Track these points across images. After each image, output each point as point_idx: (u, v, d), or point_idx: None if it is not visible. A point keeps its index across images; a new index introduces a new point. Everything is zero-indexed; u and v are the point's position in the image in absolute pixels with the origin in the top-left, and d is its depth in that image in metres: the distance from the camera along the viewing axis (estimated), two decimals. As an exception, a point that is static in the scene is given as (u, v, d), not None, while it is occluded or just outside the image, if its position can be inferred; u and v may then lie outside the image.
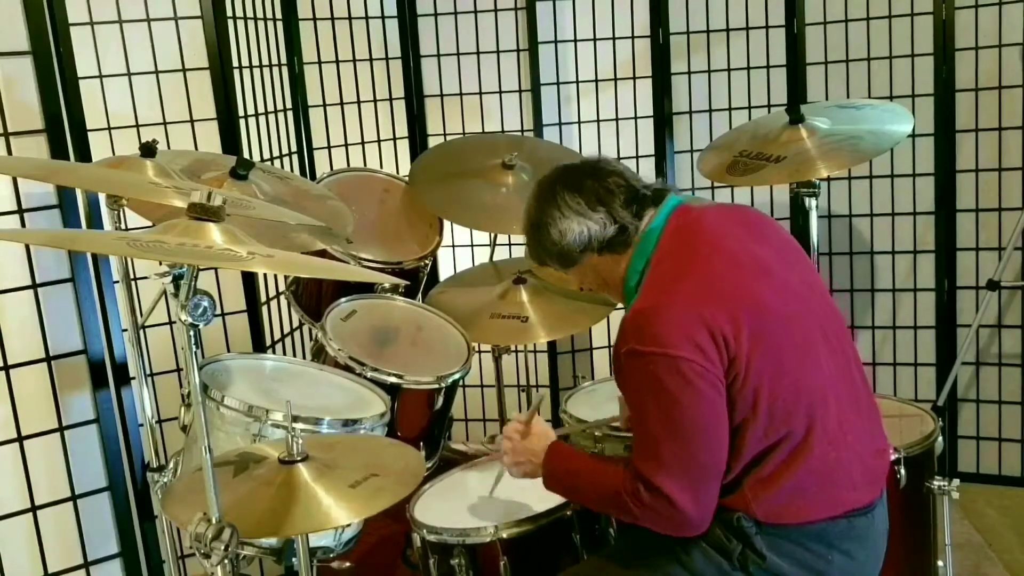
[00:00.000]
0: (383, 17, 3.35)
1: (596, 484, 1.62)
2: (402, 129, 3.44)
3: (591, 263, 1.70)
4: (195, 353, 1.41)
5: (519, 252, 3.13)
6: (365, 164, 3.31)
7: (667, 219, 1.66)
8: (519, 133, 3.39)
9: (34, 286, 2.23)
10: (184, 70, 2.64)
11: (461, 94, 3.42)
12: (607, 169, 1.69)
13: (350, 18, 3.27)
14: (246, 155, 2.73)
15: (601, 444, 2.20)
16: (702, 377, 1.47)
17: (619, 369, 1.55)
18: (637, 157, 3.44)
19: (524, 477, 1.80)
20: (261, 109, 2.90)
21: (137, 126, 2.61)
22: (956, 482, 2.21)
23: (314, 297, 2.60)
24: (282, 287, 2.89)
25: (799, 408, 1.54)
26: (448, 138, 3.40)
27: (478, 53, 3.38)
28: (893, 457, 2.11)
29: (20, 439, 2.24)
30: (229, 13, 2.70)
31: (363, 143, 3.34)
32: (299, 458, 1.62)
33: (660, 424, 1.50)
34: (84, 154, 2.28)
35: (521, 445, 1.79)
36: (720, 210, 1.73)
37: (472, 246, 3.48)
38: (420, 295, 2.81)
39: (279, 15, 3.04)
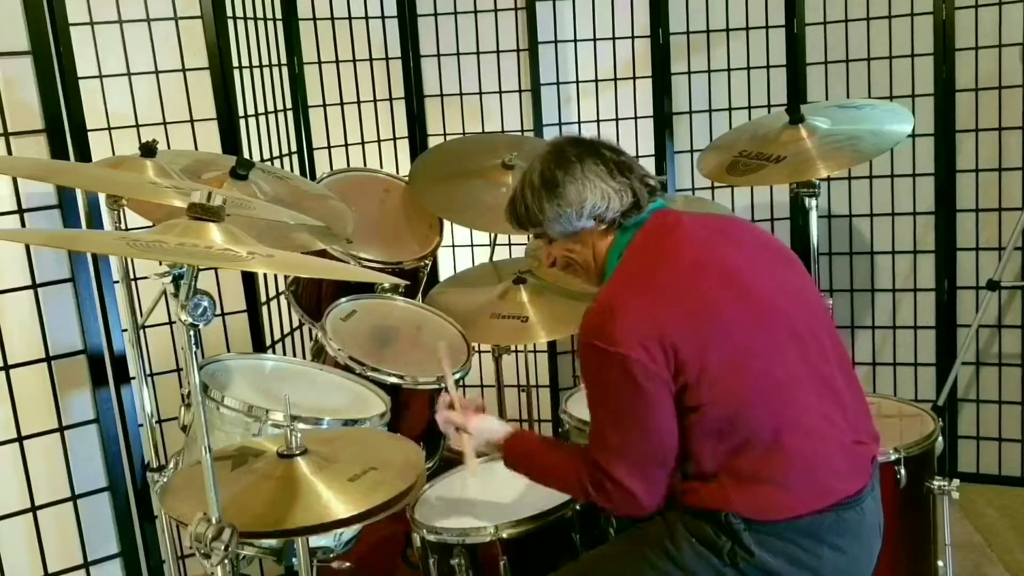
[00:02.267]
0: (383, 17, 3.35)
1: (556, 469, 1.70)
2: (402, 129, 3.44)
3: (583, 236, 1.70)
4: (195, 353, 1.41)
5: (519, 252, 3.13)
6: (365, 164, 3.31)
7: (647, 218, 1.68)
8: (519, 133, 3.39)
9: (34, 286, 2.23)
10: (184, 70, 2.64)
11: (461, 94, 3.42)
12: (619, 149, 1.71)
13: (350, 18, 3.27)
14: (246, 155, 2.73)
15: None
16: (648, 377, 1.52)
17: (579, 356, 1.62)
18: (637, 157, 3.43)
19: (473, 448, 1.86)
20: (261, 109, 2.90)
21: (137, 126, 2.61)
22: (956, 482, 2.21)
23: (314, 297, 2.60)
24: (282, 287, 2.89)
25: (763, 406, 1.57)
26: (448, 138, 3.40)
27: (478, 53, 3.38)
28: (893, 457, 2.11)
29: (20, 439, 2.24)
30: (229, 13, 2.70)
31: (363, 143, 3.35)
32: (298, 452, 1.62)
33: (609, 416, 1.59)
34: (84, 154, 2.28)
35: (472, 439, 1.85)
36: (698, 217, 1.75)
37: (472, 246, 3.48)
38: (420, 295, 2.81)
39: (279, 15, 3.04)
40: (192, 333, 1.39)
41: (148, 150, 2.10)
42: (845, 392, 1.67)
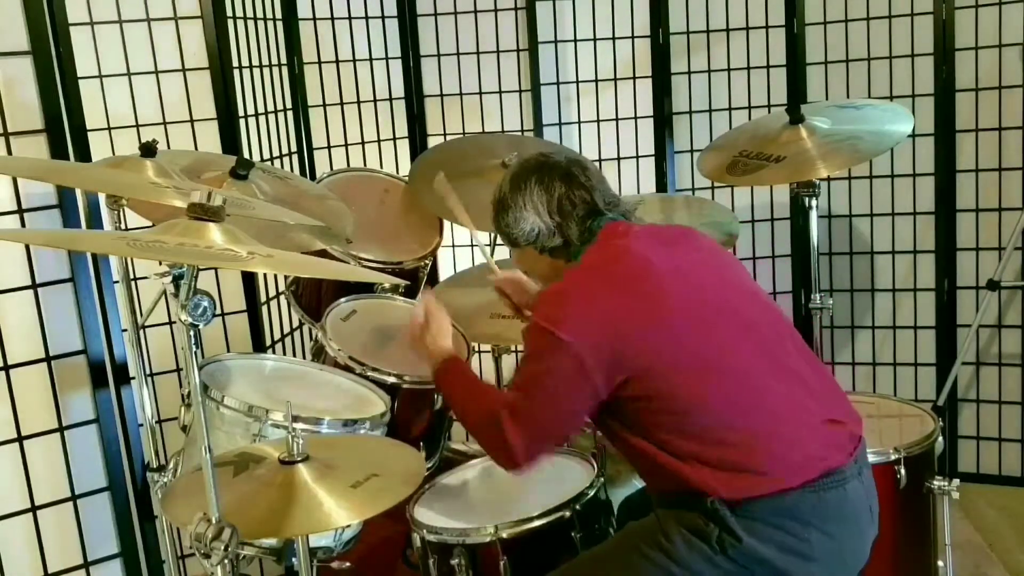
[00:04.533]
0: (383, 17, 3.35)
1: (476, 399, 1.83)
2: (402, 129, 3.44)
3: (530, 254, 1.84)
4: (195, 353, 1.41)
5: (519, 252, 3.13)
6: (365, 164, 3.30)
7: (598, 233, 1.78)
8: (519, 133, 3.39)
9: (34, 286, 2.23)
10: (184, 70, 2.64)
11: (461, 94, 3.42)
12: (579, 181, 1.79)
13: (350, 18, 3.27)
14: (246, 155, 2.72)
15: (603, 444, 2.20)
16: (575, 365, 1.61)
17: (526, 328, 1.73)
18: (637, 157, 3.44)
19: (414, 347, 2.01)
20: (261, 109, 2.90)
21: (137, 126, 2.61)
22: (956, 482, 2.21)
23: (314, 297, 2.60)
24: (282, 287, 2.89)
25: (718, 394, 1.63)
26: (448, 138, 3.40)
27: (478, 53, 3.38)
28: (893, 457, 2.11)
29: (20, 439, 2.24)
30: (229, 13, 2.70)
31: (363, 143, 3.34)
32: (299, 458, 1.62)
33: (527, 381, 1.70)
34: (84, 154, 2.28)
35: (431, 335, 1.97)
36: (648, 227, 1.85)
37: (472, 246, 3.48)
38: (420, 295, 2.80)
39: (279, 15, 3.04)
40: (192, 333, 1.39)
41: (148, 150, 2.09)
42: (811, 377, 1.72)
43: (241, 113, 2.75)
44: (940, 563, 2.32)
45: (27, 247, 2.20)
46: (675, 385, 1.63)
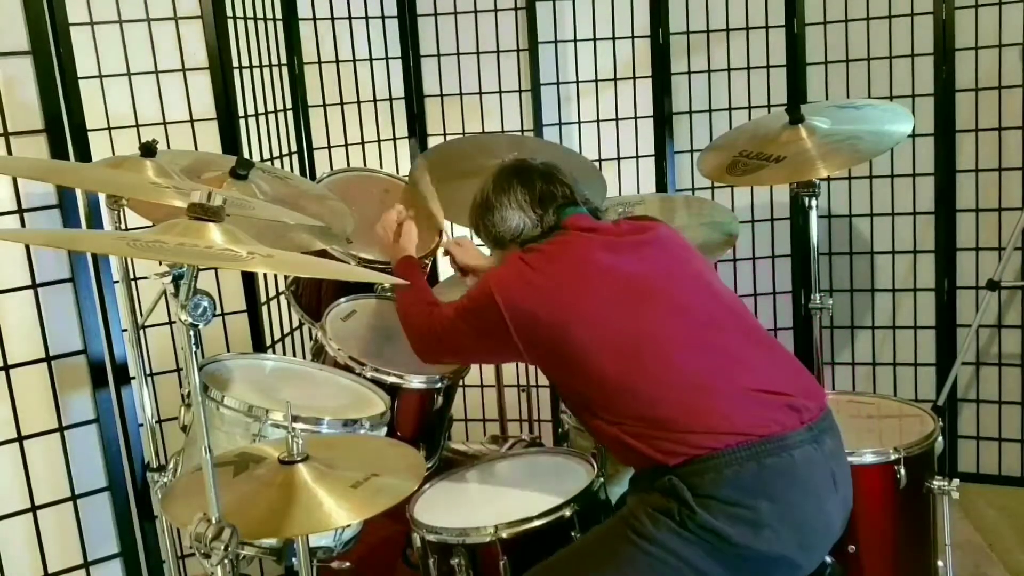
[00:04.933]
0: (383, 17, 3.35)
1: (419, 297, 2.13)
2: (402, 129, 3.44)
3: (510, 249, 1.99)
4: (195, 353, 1.41)
5: (519, 252, 3.13)
6: (365, 164, 3.31)
7: (564, 221, 1.96)
8: (519, 133, 3.39)
9: (34, 286, 2.23)
10: (184, 70, 2.64)
11: (461, 94, 3.42)
12: (558, 178, 1.99)
13: (350, 18, 3.27)
14: (246, 155, 2.73)
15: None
16: (495, 319, 1.84)
17: (484, 275, 1.97)
18: (637, 157, 3.44)
19: (376, 239, 2.34)
20: (261, 109, 2.90)
21: (137, 126, 2.61)
22: (956, 482, 2.21)
23: (314, 297, 2.60)
24: (282, 287, 2.89)
25: (634, 369, 1.76)
26: (448, 138, 3.40)
27: (478, 53, 3.38)
28: (893, 457, 2.11)
29: (20, 439, 2.24)
30: (229, 13, 2.70)
31: (363, 143, 3.35)
32: (299, 458, 1.62)
33: (464, 310, 1.94)
34: (84, 154, 2.28)
35: (402, 237, 2.29)
36: (607, 225, 1.99)
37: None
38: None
39: (279, 15, 3.04)
40: (192, 333, 1.39)
41: (148, 150, 2.09)
42: (746, 353, 1.81)
43: (241, 113, 2.75)
44: (940, 563, 2.32)
45: (27, 247, 2.21)
46: (598, 364, 1.77)
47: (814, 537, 1.74)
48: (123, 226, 2.09)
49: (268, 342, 2.88)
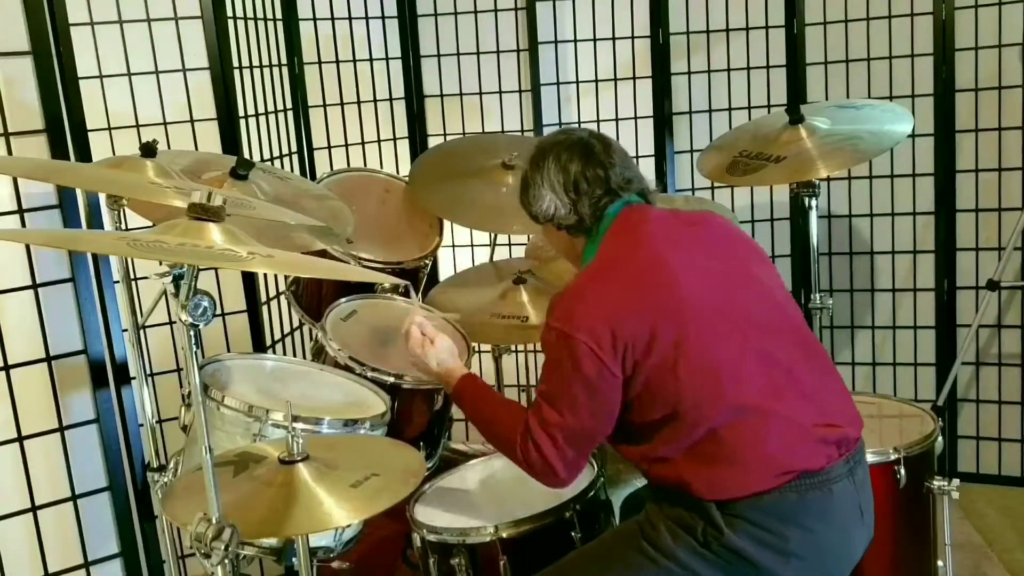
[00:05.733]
0: (383, 17, 3.35)
1: (500, 421, 1.80)
2: (402, 129, 3.44)
3: (550, 230, 1.86)
4: (195, 353, 1.41)
5: (519, 252, 3.13)
6: (365, 164, 3.31)
7: (615, 218, 1.78)
8: (519, 133, 3.39)
9: (34, 286, 2.23)
10: (184, 70, 2.64)
11: (461, 94, 3.42)
12: (597, 158, 1.79)
13: (350, 18, 3.27)
14: (246, 155, 2.73)
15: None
16: (594, 364, 1.62)
17: (541, 335, 1.72)
18: (637, 157, 3.43)
19: (419, 371, 2.00)
20: (261, 109, 2.90)
21: (137, 126, 2.61)
22: (956, 482, 2.21)
23: (314, 297, 2.59)
24: (282, 287, 2.89)
25: (707, 391, 1.63)
26: (448, 138, 3.40)
27: (478, 53, 3.38)
28: (893, 457, 2.11)
29: (20, 439, 2.24)
30: (229, 13, 2.70)
31: (363, 143, 3.35)
32: (299, 458, 1.62)
33: (552, 391, 1.68)
34: (84, 154, 2.28)
35: (432, 351, 1.95)
36: (667, 213, 1.85)
37: (472, 246, 3.48)
38: (420, 295, 2.80)
39: (279, 15, 3.04)
40: (192, 333, 1.39)
41: (148, 150, 2.09)
42: (806, 376, 1.71)
43: (241, 113, 2.75)
44: (940, 563, 2.32)
45: (27, 247, 2.21)
46: (670, 381, 1.63)
47: (836, 567, 1.71)
48: (123, 226, 2.09)
49: (268, 342, 2.88)
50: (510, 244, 3.39)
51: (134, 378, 2.35)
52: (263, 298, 2.88)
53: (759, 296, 1.75)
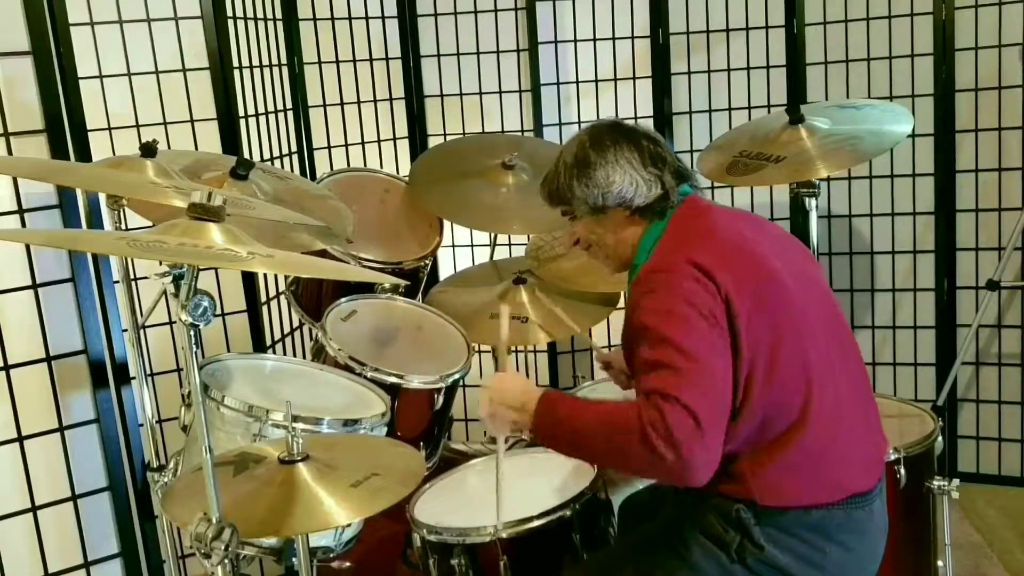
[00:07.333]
0: (383, 17, 3.35)
1: (604, 422, 1.50)
2: (402, 129, 3.44)
3: (613, 218, 1.71)
4: (195, 353, 1.41)
5: (519, 252, 3.13)
6: (365, 164, 3.31)
7: (682, 201, 1.70)
8: (519, 133, 3.39)
9: (34, 286, 2.23)
10: (184, 70, 2.64)
11: (461, 94, 3.42)
12: (659, 139, 1.72)
13: (350, 18, 3.27)
14: (246, 155, 2.73)
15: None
16: (705, 310, 1.48)
17: (631, 323, 1.55)
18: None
19: (508, 429, 1.70)
20: (261, 109, 2.90)
21: (137, 126, 2.61)
22: (956, 482, 2.21)
23: (314, 297, 2.60)
24: (282, 287, 2.89)
25: (798, 380, 1.55)
26: (448, 138, 3.40)
27: (478, 53, 3.38)
28: (893, 457, 2.11)
29: (20, 439, 2.24)
30: (229, 13, 2.70)
31: (363, 143, 3.35)
32: (299, 458, 1.62)
33: (654, 354, 1.47)
34: (84, 154, 2.28)
35: (500, 394, 1.66)
36: (725, 208, 1.77)
37: (472, 246, 3.48)
38: (420, 295, 2.81)
39: (279, 15, 3.04)
40: (192, 333, 1.39)
41: (148, 150, 2.09)
42: (863, 390, 1.68)
43: (241, 113, 2.75)
44: (940, 563, 2.32)
45: (27, 247, 2.21)
46: (766, 358, 1.50)
47: None
48: (123, 226, 2.09)
49: (268, 342, 2.88)
50: (510, 244, 3.39)
51: (134, 378, 2.35)
52: (263, 298, 2.88)
53: (822, 298, 1.69)
